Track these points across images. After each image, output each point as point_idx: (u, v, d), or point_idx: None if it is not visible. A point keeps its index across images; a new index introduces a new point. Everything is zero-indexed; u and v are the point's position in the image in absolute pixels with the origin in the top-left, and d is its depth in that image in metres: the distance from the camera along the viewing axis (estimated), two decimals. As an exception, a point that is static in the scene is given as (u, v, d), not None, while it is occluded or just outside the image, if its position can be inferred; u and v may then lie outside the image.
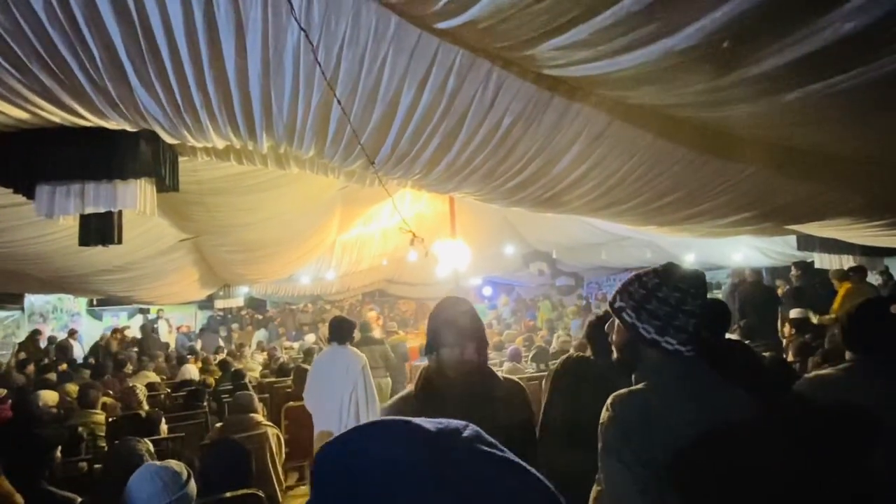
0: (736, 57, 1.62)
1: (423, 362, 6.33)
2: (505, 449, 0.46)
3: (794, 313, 5.83)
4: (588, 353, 2.57)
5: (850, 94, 1.80)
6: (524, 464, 0.46)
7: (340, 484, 0.44)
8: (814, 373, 2.21)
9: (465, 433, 0.46)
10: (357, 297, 15.68)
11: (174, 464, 2.01)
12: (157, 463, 2.02)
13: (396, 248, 11.26)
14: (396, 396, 1.71)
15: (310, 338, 10.37)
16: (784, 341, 5.69)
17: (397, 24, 1.76)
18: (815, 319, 5.70)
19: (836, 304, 5.73)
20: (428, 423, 0.46)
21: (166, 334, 11.52)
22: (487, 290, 15.81)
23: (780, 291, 7.05)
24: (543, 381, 4.36)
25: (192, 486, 1.98)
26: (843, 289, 5.77)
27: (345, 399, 3.95)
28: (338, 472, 0.45)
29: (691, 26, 1.41)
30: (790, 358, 4.66)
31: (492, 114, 2.20)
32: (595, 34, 1.47)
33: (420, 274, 13.24)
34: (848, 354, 1.81)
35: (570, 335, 8.22)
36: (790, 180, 3.23)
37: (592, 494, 1.25)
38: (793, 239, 6.62)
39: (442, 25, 1.60)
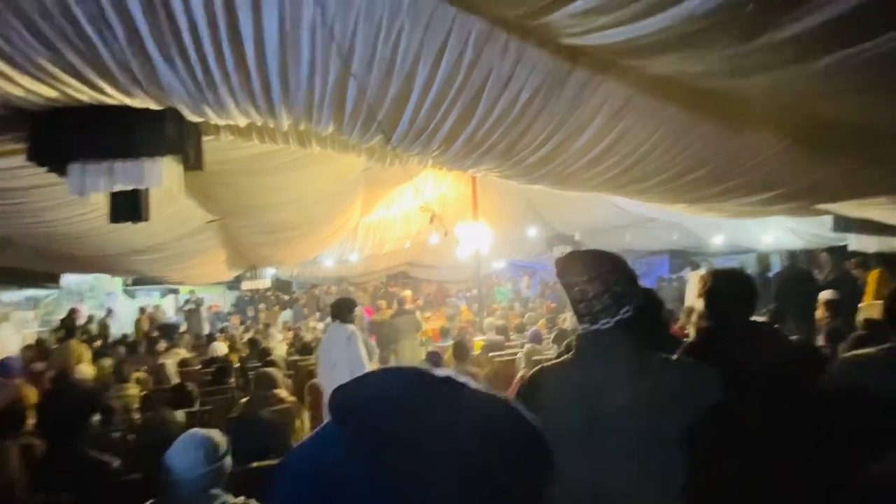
0: (761, 20, 1.55)
1: (447, 343, 6.46)
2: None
3: (827, 295, 5.66)
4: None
5: (886, 60, 1.72)
6: (509, 400, 0.54)
7: (362, 407, 0.50)
8: (852, 353, 2.15)
9: (461, 379, 0.53)
10: (381, 279, 15.84)
11: (216, 434, 2.00)
12: (202, 432, 2.00)
13: (419, 231, 11.30)
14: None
15: (333, 318, 10.52)
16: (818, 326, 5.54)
17: (412, -6, 1.75)
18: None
19: (868, 292, 5.55)
20: (435, 370, 0.54)
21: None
22: (509, 273, 15.80)
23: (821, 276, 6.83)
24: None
25: (229, 460, 1.98)
26: (873, 276, 5.58)
27: (342, 369, 4.29)
28: (360, 397, 0.51)
29: (714, -12, 1.36)
30: (821, 342, 4.54)
31: (510, 87, 2.18)
32: (613, -2, 1.43)
33: (442, 257, 13.28)
34: (893, 336, 1.75)
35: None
36: (823, 156, 3.11)
37: None
38: (828, 220, 6.39)
39: (457, -7, 1.58)
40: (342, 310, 4.55)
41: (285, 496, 0.50)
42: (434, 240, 9.61)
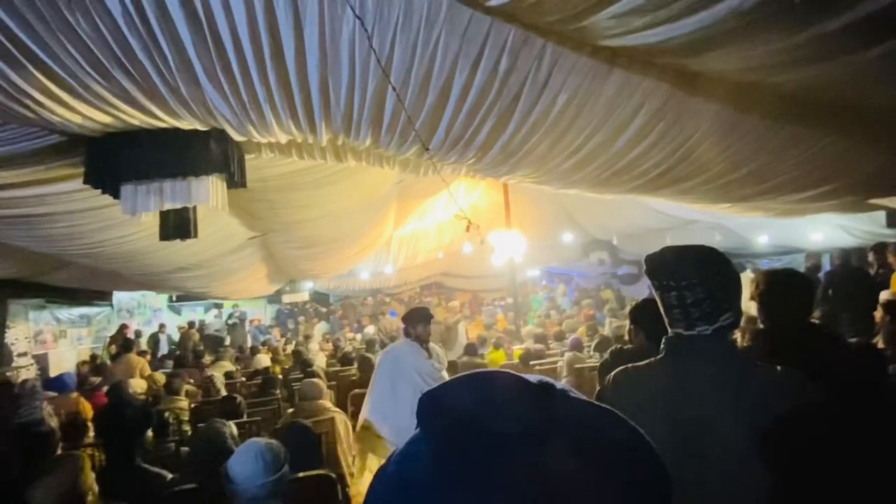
0: (810, 12, 1.50)
1: (484, 351, 6.21)
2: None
3: (885, 296, 5.38)
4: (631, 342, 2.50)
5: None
6: (616, 411, 0.47)
7: (448, 422, 0.45)
8: None
9: (560, 386, 0.47)
10: (415, 289, 15.94)
11: (276, 444, 2.00)
12: (262, 442, 1.99)
13: (452, 241, 11.34)
14: None
15: (370, 329, 10.65)
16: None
17: (449, 5, 1.77)
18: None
19: (893, 286, 5.27)
20: (527, 375, 0.48)
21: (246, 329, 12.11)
22: (544, 281, 15.66)
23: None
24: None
25: (288, 470, 1.98)
26: None
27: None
28: (447, 411, 0.46)
29: (760, -20, 1.33)
30: (881, 345, 4.32)
31: (547, 91, 2.17)
32: (653, -2, 1.41)
33: (476, 266, 13.26)
34: None
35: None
36: (876, 147, 2.97)
37: None
38: (881, 215, 6.09)
39: (493, 3, 1.59)
40: (405, 322, 3.82)
41: None
42: (467, 249, 9.61)
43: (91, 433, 3.52)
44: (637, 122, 2.43)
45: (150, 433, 2.96)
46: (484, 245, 6.56)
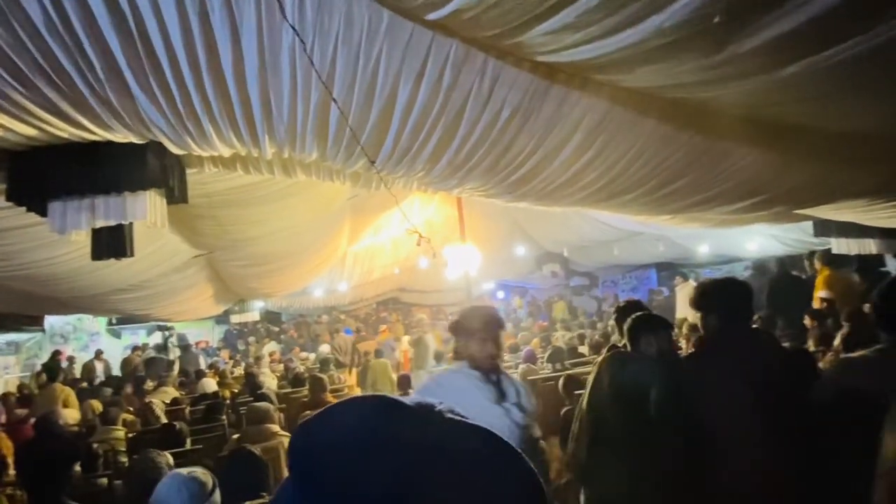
0: (728, 31, 1.60)
1: (441, 367, 6.21)
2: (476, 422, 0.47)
3: (814, 303, 5.75)
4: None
5: (850, 65, 1.78)
6: (496, 432, 0.47)
7: (318, 456, 0.43)
8: (844, 355, 2.14)
9: (439, 407, 0.46)
10: (371, 305, 15.73)
11: (201, 473, 1.95)
12: (184, 472, 1.93)
13: (408, 256, 11.30)
14: None
15: (324, 348, 10.41)
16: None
17: (390, 18, 1.78)
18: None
19: (816, 291, 5.75)
20: (405, 398, 0.47)
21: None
22: (500, 294, 15.81)
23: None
24: (560, 382, 4.30)
25: (217, 497, 1.93)
26: (821, 275, 5.79)
27: None
28: (315, 444, 0.44)
29: (679, 1, 1.41)
30: (812, 347, 4.60)
31: (490, 106, 2.21)
32: (582, 16, 1.47)
33: (433, 281, 13.26)
34: (882, 337, 1.76)
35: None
36: (798, 162, 3.19)
37: None
38: (809, 225, 6.51)
39: (431, 16, 1.61)
40: (454, 335, 2.34)
41: None
42: (423, 264, 9.61)
43: (12, 471, 3.26)
44: (577, 136, 2.51)
45: (78, 468, 2.77)
46: (438, 259, 6.58)
